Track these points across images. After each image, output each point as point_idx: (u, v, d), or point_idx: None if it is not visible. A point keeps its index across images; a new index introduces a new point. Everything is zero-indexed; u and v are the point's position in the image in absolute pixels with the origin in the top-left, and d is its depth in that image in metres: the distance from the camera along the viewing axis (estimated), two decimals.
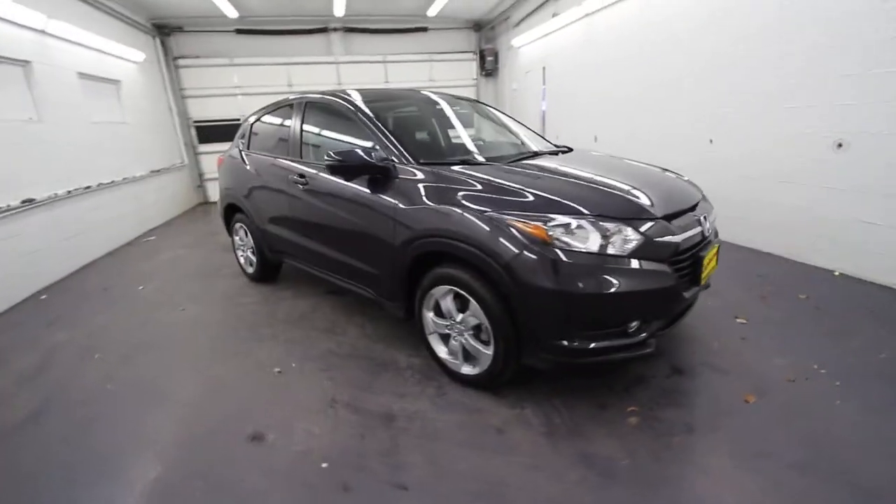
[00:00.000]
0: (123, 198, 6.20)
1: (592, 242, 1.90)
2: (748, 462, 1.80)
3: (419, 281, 2.45)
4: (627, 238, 1.93)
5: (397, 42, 9.44)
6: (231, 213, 4.23)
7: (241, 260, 4.35)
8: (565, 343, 1.93)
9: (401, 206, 2.40)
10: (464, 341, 2.31)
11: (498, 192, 2.12)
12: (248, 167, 3.73)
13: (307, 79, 9.05)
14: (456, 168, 2.40)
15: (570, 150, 3.05)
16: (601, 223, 1.93)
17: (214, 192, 9.16)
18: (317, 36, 9.02)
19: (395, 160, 2.53)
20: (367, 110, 2.82)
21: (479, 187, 2.19)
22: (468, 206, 2.12)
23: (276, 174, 3.40)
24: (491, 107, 3.81)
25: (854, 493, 1.63)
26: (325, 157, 2.57)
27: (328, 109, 3.15)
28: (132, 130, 6.76)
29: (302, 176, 3.10)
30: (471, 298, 2.16)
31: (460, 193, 2.19)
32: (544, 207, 1.99)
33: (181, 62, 8.45)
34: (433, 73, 9.73)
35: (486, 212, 2.05)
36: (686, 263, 2.10)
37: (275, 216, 3.54)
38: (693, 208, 2.30)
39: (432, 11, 8.46)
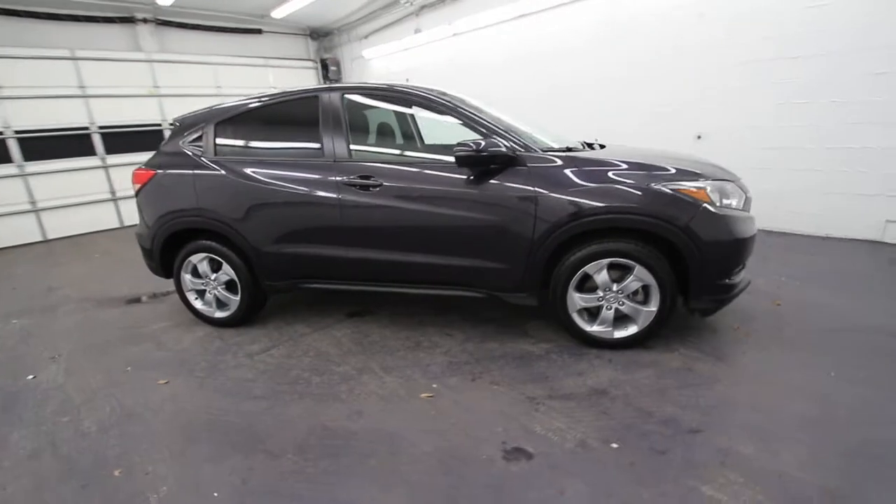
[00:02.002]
0: None
1: (731, 199, 2.45)
2: (831, 336, 2.65)
3: (556, 264, 2.55)
4: (743, 194, 2.55)
5: (227, 43, 8.24)
6: (175, 245, 3.17)
7: (198, 304, 3.29)
8: (728, 281, 2.42)
9: (543, 193, 2.45)
10: (620, 306, 2.54)
11: (642, 168, 2.44)
12: (244, 180, 2.90)
13: (108, 79, 7.02)
14: (586, 152, 2.61)
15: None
16: (727, 185, 2.49)
17: None
18: (118, 26, 7.09)
19: (520, 149, 2.54)
20: (461, 99, 2.69)
21: (625, 166, 2.46)
22: (634, 182, 2.37)
23: (305, 181, 2.80)
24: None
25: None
26: (457, 148, 2.39)
27: (393, 102, 2.83)
28: None
29: (365, 177, 2.69)
30: (636, 264, 2.42)
31: (614, 173, 2.42)
32: (691, 176, 2.42)
33: None
34: (273, 80, 8.83)
35: (653, 183, 2.36)
36: None
37: (297, 232, 2.90)
38: None
39: (279, 13, 7.73)
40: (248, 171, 2.92)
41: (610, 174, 2.42)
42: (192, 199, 3.03)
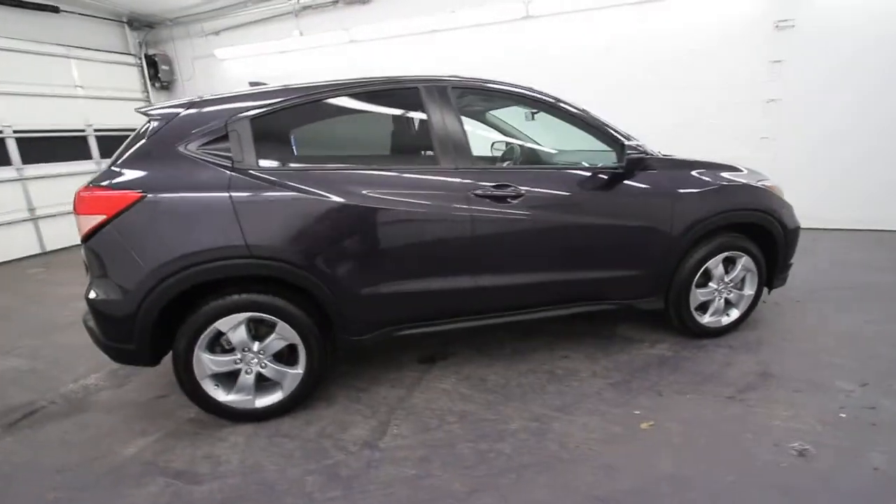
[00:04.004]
0: None
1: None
2: (826, 293, 3.43)
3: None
4: None
5: (5, 21, 5.62)
6: (179, 307, 2.03)
7: (222, 395, 2.15)
8: (791, 262, 2.91)
9: (678, 195, 2.51)
10: (728, 295, 2.77)
11: (730, 170, 2.74)
12: (333, 197, 2.03)
13: None
14: (679, 157, 2.77)
15: None
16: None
17: None
18: None
19: (648, 154, 2.54)
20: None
21: (718, 168, 2.70)
22: (745, 181, 2.65)
23: (423, 195, 2.18)
24: None
25: None
26: (629, 151, 2.24)
27: (509, 100, 2.59)
28: None
29: (502, 186, 2.24)
30: (744, 255, 2.70)
31: (721, 174, 2.65)
32: (757, 175, 2.83)
33: None
34: (78, 76, 6.44)
35: (752, 182, 2.68)
36: None
37: (413, 262, 2.23)
38: None
39: None
40: (338, 185, 2.08)
41: (723, 175, 2.65)
42: (233, 232, 1.97)
